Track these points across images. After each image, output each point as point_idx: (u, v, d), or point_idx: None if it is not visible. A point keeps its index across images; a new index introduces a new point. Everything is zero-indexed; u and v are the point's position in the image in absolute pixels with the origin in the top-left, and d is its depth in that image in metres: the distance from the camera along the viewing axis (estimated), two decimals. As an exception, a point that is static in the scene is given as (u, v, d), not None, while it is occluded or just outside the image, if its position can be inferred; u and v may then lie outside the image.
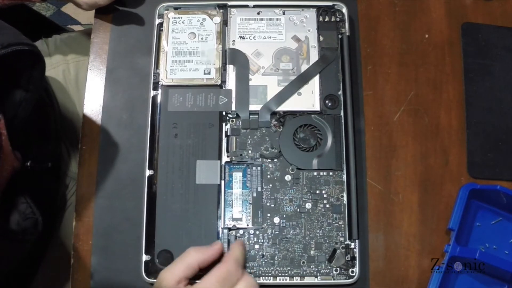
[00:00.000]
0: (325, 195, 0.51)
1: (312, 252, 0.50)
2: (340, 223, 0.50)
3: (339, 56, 0.54)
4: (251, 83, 0.53)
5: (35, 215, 0.45)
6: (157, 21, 0.55)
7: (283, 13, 0.55)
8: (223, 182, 0.51)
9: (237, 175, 0.51)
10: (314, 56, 0.54)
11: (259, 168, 0.51)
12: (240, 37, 0.55)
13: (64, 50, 0.70)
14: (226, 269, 0.41)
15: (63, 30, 0.87)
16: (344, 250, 0.49)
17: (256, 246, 0.50)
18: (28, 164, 0.50)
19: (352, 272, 0.49)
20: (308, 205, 0.50)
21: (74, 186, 0.64)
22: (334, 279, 0.49)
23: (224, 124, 0.52)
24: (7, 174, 0.46)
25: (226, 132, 0.52)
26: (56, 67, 0.68)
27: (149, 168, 0.51)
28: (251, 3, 0.55)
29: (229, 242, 0.49)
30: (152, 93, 0.53)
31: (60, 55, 0.69)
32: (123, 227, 0.52)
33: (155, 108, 0.52)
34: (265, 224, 0.50)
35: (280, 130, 0.52)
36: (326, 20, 0.55)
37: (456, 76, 0.56)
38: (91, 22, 0.58)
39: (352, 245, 0.49)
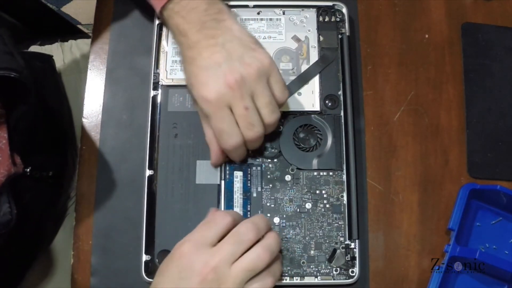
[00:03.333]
0: (325, 195, 0.51)
1: (312, 252, 0.50)
2: (340, 223, 0.50)
3: (339, 56, 0.54)
4: (251, 83, 0.53)
5: (11, 215, 0.45)
6: (157, 21, 0.55)
7: (283, 13, 0.55)
8: (223, 182, 0.51)
9: (238, 175, 0.51)
10: (314, 56, 0.54)
11: (259, 168, 0.51)
12: (240, 37, 0.55)
13: (78, 57, 0.70)
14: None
15: (80, 32, 0.87)
16: (344, 250, 0.49)
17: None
18: (28, 170, 0.50)
19: (352, 272, 0.49)
20: (308, 205, 0.50)
21: (75, 196, 0.64)
22: (334, 279, 0.49)
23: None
24: (1, 178, 0.46)
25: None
26: (69, 74, 0.68)
27: (149, 168, 0.51)
28: (251, 3, 0.55)
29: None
30: (152, 93, 0.53)
31: (73, 63, 0.69)
32: (123, 227, 0.52)
33: (155, 108, 0.52)
34: (265, 224, 0.50)
35: (280, 130, 0.52)
36: (326, 20, 0.55)
37: (456, 76, 0.56)
38: (91, 22, 0.58)
39: (352, 245, 0.49)
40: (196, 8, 0.45)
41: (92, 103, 0.55)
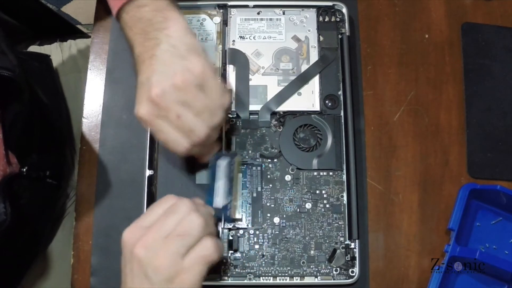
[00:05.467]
0: (325, 195, 0.51)
1: (312, 252, 0.50)
2: (340, 223, 0.50)
3: (339, 56, 0.54)
4: (251, 83, 0.53)
5: (5, 216, 0.45)
6: (157, 21, 0.55)
7: (283, 13, 0.55)
8: (223, 182, 0.51)
9: (237, 176, 0.51)
10: (314, 56, 0.54)
11: (259, 168, 0.51)
12: (240, 37, 0.55)
13: (77, 57, 0.70)
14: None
15: (79, 32, 0.87)
16: (344, 250, 0.49)
17: (256, 246, 0.50)
18: (24, 170, 0.50)
19: (352, 272, 0.49)
20: (308, 205, 0.50)
21: (74, 196, 0.64)
22: (334, 279, 0.49)
23: (224, 124, 0.52)
24: None
25: (226, 132, 0.52)
26: (68, 74, 0.68)
27: (149, 168, 0.51)
28: (251, 3, 0.55)
29: (229, 242, 0.49)
30: (152, 93, 0.53)
31: (72, 62, 0.69)
32: (123, 227, 0.51)
33: (155, 108, 0.52)
34: (265, 224, 0.50)
35: (280, 130, 0.52)
36: (326, 20, 0.55)
37: (456, 76, 0.56)
38: (91, 22, 0.58)
39: (352, 245, 0.49)
40: (141, 19, 0.45)
41: (92, 103, 0.55)
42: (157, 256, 0.39)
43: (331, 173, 0.51)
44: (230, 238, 0.49)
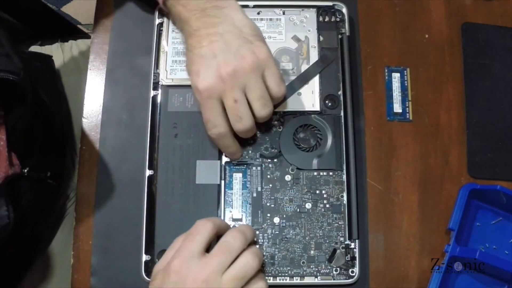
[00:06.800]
0: (325, 195, 0.51)
1: (312, 252, 0.50)
2: (340, 223, 0.50)
3: (339, 56, 0.54)
4: (251, 83, 0.53)
5: (9, 219, 0.45)
6: (157, 21, 0.55)
7: (283, 13, 0.55)
8: (223, 182, 0.51)
9: (237, 176, 0.51)
10: (314, 56, 0.54)
11: (259, 168, 0.51)
12: (240, 37, 0.55)
13: (78, 57, 0.70)
14: (226, 240, 0.42)
15: (80, 32, 0.87)
16: (344, 250, 0.49)
17: (256, 246, 0.50)
18: (26, 171, 0.50)
19: (352, 272, 0.49)
20: (308, 205, 0.51)
21: (74, 196, 0.64)
22: (334, 279, 0.49)
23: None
24: None
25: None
26: (69, 75, 0.68)
27: (149, 168, 0.51)
28: (251, 3, 0.55)
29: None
30: (152, 93, 0.53)
31: (73, 63, 0.69)
32: (123, 227, 0.52)
33: (155, 108, 0.52)
34: (265, 224, 0.50)
35: (280, 130, 0.52)
36: (326, 20, 0.55)
37: (456, 76, 0.56)
38: (91, 22, 0.58)
39: (352, 245, 0.49)
40: None
41: (92, 103, 0.55)
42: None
43: (331, 173, 0.51)
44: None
